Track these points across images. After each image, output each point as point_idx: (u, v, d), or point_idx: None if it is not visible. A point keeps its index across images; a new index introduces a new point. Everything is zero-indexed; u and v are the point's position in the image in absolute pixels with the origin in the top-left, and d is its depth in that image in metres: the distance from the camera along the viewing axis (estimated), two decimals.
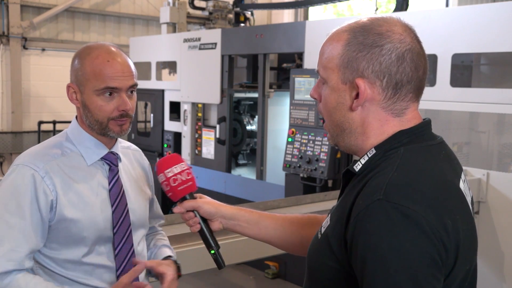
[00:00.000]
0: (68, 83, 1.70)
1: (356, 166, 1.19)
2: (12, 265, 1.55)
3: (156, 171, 1.56)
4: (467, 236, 1.11)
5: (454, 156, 1.26)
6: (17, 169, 1.60)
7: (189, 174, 1.53)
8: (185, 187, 1.52)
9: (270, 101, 5.33)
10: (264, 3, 9.34)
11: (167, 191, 1.53)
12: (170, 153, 1.74)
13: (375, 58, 1.14)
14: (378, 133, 1.19)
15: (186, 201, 1.54)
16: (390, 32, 1.16)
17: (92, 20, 8.82)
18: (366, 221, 1.05)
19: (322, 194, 3.68)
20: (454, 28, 3.85)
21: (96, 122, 1.66)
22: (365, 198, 1.08)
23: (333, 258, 1.15)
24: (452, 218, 1.07)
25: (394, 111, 1.17)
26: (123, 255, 1.71)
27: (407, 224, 1.02)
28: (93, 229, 1.64)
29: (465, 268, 1.12)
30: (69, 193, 1.62)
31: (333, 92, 1.20)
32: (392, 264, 1.01)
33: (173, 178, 1.51)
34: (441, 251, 1.03)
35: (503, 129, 3.77)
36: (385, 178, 1.08)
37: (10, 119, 8.00)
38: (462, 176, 1.23)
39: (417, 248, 1.01)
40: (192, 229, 1.55)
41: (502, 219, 3.70)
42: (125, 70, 1.65)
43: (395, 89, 1.15)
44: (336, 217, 1.18)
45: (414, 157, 1.14)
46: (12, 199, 1.57)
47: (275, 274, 5.16)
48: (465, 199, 1.17)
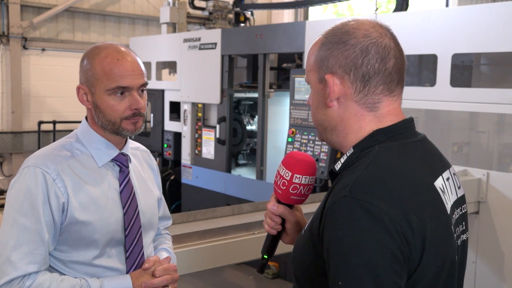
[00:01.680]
0: (78, 85, 1.68)
1: (336, 165, 1.24)
2: (32, 267, 1.54)
3: (284, 161, 1.41)
4: (437, 232, 1.13)
5: (437, 153, 1.28)
6: (28, 171, 1.58)
7: (310, 190, 1.42)
8: (297, 199, 1.42)
9: (270, 101, 5.33)
10: (264, 3, 9.33)
11: (278, 186, 1.41)
12: (302, 155, 1.49)
13: (340, 53, 1.20)
14: (356, 129, 1.22)
15: (285, 208, 1.43)
16: (355, 29, 1.21)
17: (92, 20, 8.81)
18: (332, 217, 1.10)
19: (322, 194, 3.67)
20: (454, 28, 3.85)
21: (109, 123, 1.64)
22: (333, 195, 1.13)
23: (311, 254, 1.19)
24: (418, 215, 1.09)
25: (368, 105, 1.21)
26: (134, 257, 1.70)
27: (369, 219, 1.06)
28: (104, 231, 1.63)
29: (436, 265, 1.13)
30: (80, 195, 1.60)
31: (314, 92, 1.28)
32: (353, 258, 1.05)
33: (295, 185, 1.39)
34: (403, 246, 1.06)
35: (503, 129, 3.77)
36: (354, 176, 1.13)
37: (10, 119, 8.00)
38: (445, 174, 1.24)
39: (377, 243, 1.04)
40: (268, 230, 1.47)
41: (502, 219, 3.70)
42: (135, 69, 1.64)
43: (363, 81, 1.20)
44: (315, 215, 1.23)
45: (386, 154, 1.17)
46: (26, 201, 1.55)
47: (275, 274, 5.16)
48: (438, 196, 1.18)
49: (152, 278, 1.66)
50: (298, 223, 1.47)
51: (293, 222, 1.45)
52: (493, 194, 3.72)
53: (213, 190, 5.79)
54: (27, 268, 1.53)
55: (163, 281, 1.67)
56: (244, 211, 3.02)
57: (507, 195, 3.67)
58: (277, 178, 1.41)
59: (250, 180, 5.47)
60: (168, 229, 2.04)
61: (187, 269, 2.47)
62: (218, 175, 5.72)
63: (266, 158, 5.33)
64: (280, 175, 1.41)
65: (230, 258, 2.70)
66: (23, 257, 1.53)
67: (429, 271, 1.12)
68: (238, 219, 2.86)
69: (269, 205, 1.44)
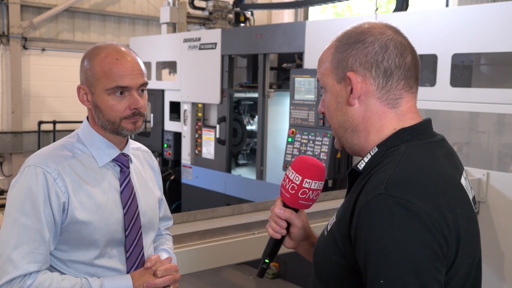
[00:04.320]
0: (78, 85, 1.68)
1: (359, 164, 1.23)
2: (33, 267, 1.54)
3: (294, 165, 1.39)
4: (468, 229, 1.14)
5: (455, 154, 1.29)
6: (30, 170, 1.59)
7: (317, 195, 1.40)
8: (304, 204, 1.40)
9: (270, 101, 5.33)
10: (264, 3, 9.33)
11: (287, 190, 1.39)
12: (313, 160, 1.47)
13: (360, 51, 1.22)
14: (378, 127, 1.23)
15: (292, 213, 1.42)
16: (370, 28, 1.24)
17: (92, 20, 8.81)
18: (368, 215, 1.08)
19: (322, 194, 3.67)
20: (454, 28, 3.85)
21: (109, 122, 1.64)
22: (367, 194, 1.12)
23: (339, 254, 1.18)
24: (452, 212, 1.10)
25: (390, 102, 1.22)
26: (134, 257, 1.70)
27: (408, 217, 1.05)
28: (105, 232, 1.63)
29: (468, 262, 1.15)
30: (81, 195, 1.61)
31: (332, 95, 1.27)
32: (394, 256, 1.04)
33: (305, 190, 1.36)
34: (442, 243, 1.06)
35: (503, 129, 3.77)
36: (387, 174, 1.12)
37: (10, 119, 7.99)
38: (464, 174, 1.26)
39: (418, 240, 1.04)
40: (272, 234, 1.44)
41: (502, 219, 3.70)
42: (135, 69, 1.64)
43: (385, 76, 1.21)
44: (341, 214, 1.22)
45: (415, 153, 1.17)
46: (27, 200, 1.56)
47: (275, 274, 5.16)
48: (466, 194, 1.20)
49: (153, 278, 1.67)
50: (303, 228, 1.46)
51: (299, 227, 1.44)
52: (493, 194, 3.73)
53: (213, 190, 5.79)
54: (28, 267, 1.53)
55: (165, 281, 1.68)
56: (244, 211, 3.03)
57: (507, 195, 3.67)
58: (285, 182, 1.39)
59: (250, 180, 5.47)
60: (169, 229, 2.04)
61: (187, 269, 2.47)
62: (218, 175, 5.72)
63: (266, 158, 5.33)
64: (289, 179, 1.38)
65: (230, 258, 2.70)
66: (24, 256, 1.53)
67: (462, 268, 1.13)
68: (238, 219, 2.87)
69: (275, 209, 1.42)
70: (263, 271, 1.49)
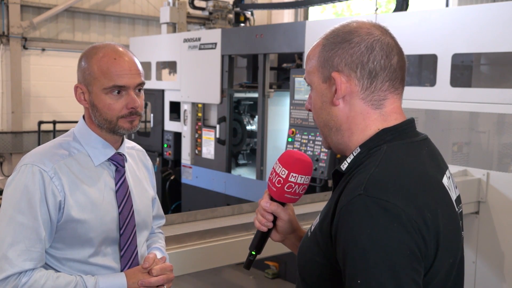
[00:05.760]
0: (76, 84, 1.70)
1: (343, 165, 1.24)
2: (29, 264, 1.55)
3: (281, 159, 1.40)
4: (448, 230, 1.14)
5: (439, 153, 1.29)
6: (26, 169, 1.59)
7: (304, 190, 1.41)
8: (290, 198, 1.41)
9: (270, 101, 5.33)
10: (264, 3, 9.33)
11: (273, 184, 1.40)
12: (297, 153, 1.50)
13: (346, 51, 1.21)
14: (362, 127, 1.23)
15: (278, 206, 1.43)
16: (358, 28, 1.23)
17: (92, 20, 8.81)
18: (348, 216, 1.09)
19: (322, 194, 3.67)
20: (454, 28, 3.85)
21: (106, 121, 1.66)
22: (347, 194, 1.12)
23: (321, 254, 1.19)
24: (432, 212, 1.10)
25: (374, 102, 1.22)
26: (128, 256, 1.72)
27: (386, 217, 1.05)
28: (100, 230, 1.64)
29: (448, 262, 1.14)
30: (77, 194, 1.62)
31: (317, 93, 1.27)
32: (371, 256, 1.04)
33: (290, 184, 1.38)
34: (420, 243, 1.06)
35: (503, 129, 3.77)
36: (367, 174, 1.12)
37: (10, 119, 8.00)
38: (447, 173, 1.26)
39: (395, 240, 1.04)
40: (258, 226, 1.45)
41: (502, 219, 3.70)
42: (132, 68, 1.66)
43: (369, 78, 1.21)
44: (323, 215, 1.23)
45: (396, 153, 1.18)
46: (23, 199, 1.57)
47: (275, 274, 5.16)
48: (448, 193, 1.20)
49: (147, 276, 1.68)
50: (290, 222, 1.46)
51: (285, 221, 1.45)
52: (493, 194, 3.72)
53: (213, 190, 5.79)
54: (24, 265, 1.54)
55: (159, 280, 1.69)
56: (244, 211, 3.02)
57: (507, 195, 3.66)
58: (272, 175, 1.41)
59: (250, 180, 5.47)
60: (161, 227, 2.06)
61: (187, 269, 2.47)
62: (218, 175, 5.72)
63: (266, 158, 5.33)
64: (276, 173, 1.40)
65: (230, 258, 2.70)
66: (20, 254, 1.54)
67: (442, 268, 1.13)
68: (238, 219, 2.86)
69: (262, 202, 1.43)
70: (250, 262, 1.51)
